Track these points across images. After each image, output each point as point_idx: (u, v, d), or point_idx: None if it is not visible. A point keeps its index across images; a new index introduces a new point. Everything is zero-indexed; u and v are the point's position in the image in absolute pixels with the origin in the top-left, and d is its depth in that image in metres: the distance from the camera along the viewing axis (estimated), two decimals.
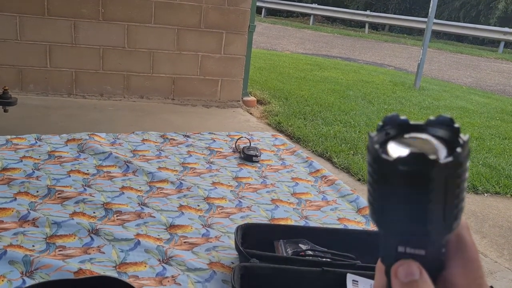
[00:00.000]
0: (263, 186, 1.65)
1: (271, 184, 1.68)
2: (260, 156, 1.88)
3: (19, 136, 1.84)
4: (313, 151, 4.20)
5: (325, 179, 1.76)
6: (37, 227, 1.24)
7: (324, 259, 1.15)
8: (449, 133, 0.36)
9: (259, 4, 15.29)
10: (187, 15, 4.84)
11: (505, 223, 3.30)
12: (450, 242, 0.37)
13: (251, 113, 5.12)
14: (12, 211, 1.29)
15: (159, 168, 1.70)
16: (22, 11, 4.39)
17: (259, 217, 1.43)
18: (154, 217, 1.35)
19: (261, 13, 17.89)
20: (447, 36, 17.22)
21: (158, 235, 1.27)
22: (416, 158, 0.33)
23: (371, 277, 1.07)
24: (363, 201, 1.59)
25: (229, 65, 5.11)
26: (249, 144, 1.96)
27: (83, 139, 1.86)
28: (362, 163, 3.93)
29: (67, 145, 1.82)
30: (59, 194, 1.42)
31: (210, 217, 1.40)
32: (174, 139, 2.00)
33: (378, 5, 19.49)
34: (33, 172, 1.55)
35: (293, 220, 1.44)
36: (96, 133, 1.95)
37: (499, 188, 3.88)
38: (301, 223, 1.43)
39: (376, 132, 0.37)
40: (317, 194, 1.64)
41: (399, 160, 0.33)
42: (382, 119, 0.38)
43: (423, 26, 10.62)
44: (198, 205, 1.46)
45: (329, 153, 4.14)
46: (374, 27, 17.98)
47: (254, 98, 5.55)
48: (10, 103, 2.98)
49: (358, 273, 1.08)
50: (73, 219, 1.29)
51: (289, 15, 19.13)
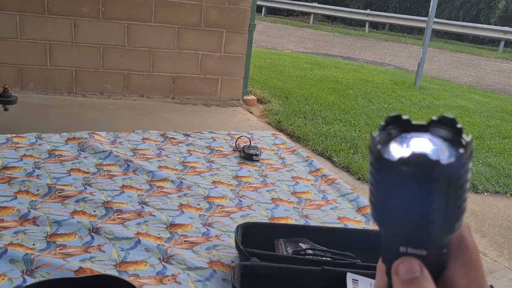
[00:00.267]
0: (263, 185, 1.65)
1: (271, 183, 1.68)
2: (260, 155, 1.88)
3: (19, 135, 1.84)
4: (313, 150, 4.20)
5: (325, 178, 1.77)
6: (38, 225, 1.24)
7: (324, 258, 1.15)
8: (452, 133, 0.35)
9: (259, 3, 15.28)
10: (187, 13, 4.84)
11: (505, 222, 3.31)
12: (451, 243, 0.37)
13: (251, 112, 5.12)
14: (13, 209, 1.29)
15: (159, 167, 1.70)
16: (22, 9, 4.39)
17: (259, 216, 1.43)
18: (155, 216, 1.35)
19: (261, 12, 17.89)
20: (447, 35, 17.21)
21: (159, 234, 1.27)
22: (418, 159, 0.33)
23: (371, 276, 1.07)
24: (363, 200, 1.59)
25: (229, 64, 5.11)
26: (249, 143, 1.96)
27: (83, 138, 1.86)
28: (362, 162, 3.93)
29: (67, 144, 1.82)
30: (59, 192, 1.42)
31: (210, 216, 1.40)
32: (174, 138, 2.00)
33: (379, 4, 19.49)
34: (34, 170, 1.55)
35: (293, 219, 1.44)
36: (96, 132, 1.95)
37: (499, 187, 3.88)
38: (301, 222, 1.43)
39: (378, 132, 0.37)
40: (317, 193, 1.64)
41: (401, 160, 0.33)
42: (384, 119, 0.37)
43: (423, 25, 10.62)
44: (199, 204, 1.46)
45: (329, 152, 4.14)
46: (375, 26, 17.98)
47: (254, 97, 5.55)
48: (10, 102, 2.98)
49: (358, 272, 1.08)
50: (73, 218, 1.29)
51: (289, 14, 19.13)
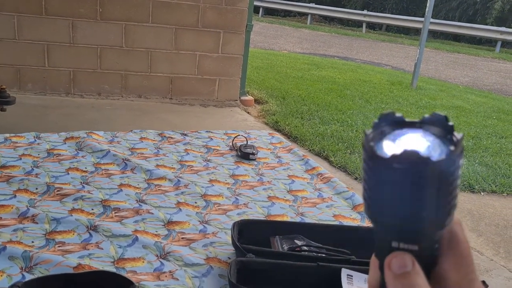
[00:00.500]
0: (260, 184, 1.67)
1: (268, 181, 1.69)
2: (256, 154, 1.89)
3: (18, 134, 1.85)
4: (310, 150, 4.22)
5: (321, 176, 1.78)
6: (37, 223, 1.26)
7: (319, 255, 1.16)
8: (444, 131, 0.36)
9: (256, 3, 15.27)
10: (184, 14, 4.86)
11: (501, 221, 3.33)
12: (442, 238, 0.38)
13: (248, 113, 5.13)
14: (12, 208, 1.31)
15: (157, 165, 1.72)
16: (20, 10, 4.40)
17: (256, 214, 1.45)
18: (152, 213, 1.37)
19: (258, 13, 17.91)
20: (444, 35, 17.26)
21: (156, 231, 1.29)
22: (409, 156, 0.34)
23: (365, 271, 1.08)
24: (359, 198, 1.61)
25: (227, 64, 5.13)
26: (246, 142, 1.98)
27: (81, 137, 1.87)
28: (359, 162, 3.95)
29: (65, 143, 1.83)
30: (58, 191, 1.44)
31: (207, 213, 1.42)
32: (171, 137, 2.02)
33: (376, 4, 19.53)
34: (32, 169, 1.57)
35: (289, 217, 1.45)
36: (94, 131, 1.96)
37: (495, 187, 3.90)
38: (297, 219, 1.44)
39: (371, 129, 0.38)
40: (313, 191, 1.65)
41: (393, 157, 0.34)
42: (378, 116, 0.38)
43: (420, 25, 10.65)
44: (196, 202, 1.48)
45: (326, 152, 4.16)
46: (372, 26, 18.01)
47: (252, 97, 5.57)
48: (8, 102, 2.99)
49: (353, 268, 1.10)
50: (72, 215, 1.30)
51: (286, 14, 19.16)
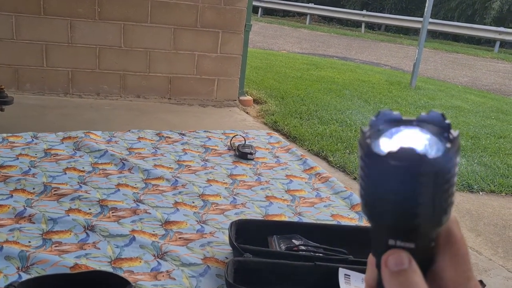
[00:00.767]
0: (258, 183, 1.66)
1: (266, 181, 1.69)
2: (255, 154, 1.89)
3: (15, 134, 1.85)
4: (309, 150, 4.22)
5: (319, 176, 1.78)
6: (33, 223, 1.25)
7: (317, 254, 1.16)
8: (440, 128, 0.36)
9: (255, 3, 15.30)
10: (183, 14, 4.85)
11: (499, 221, 3.33)
12: (439, 236, 0.38)
13: (247, 113, 5.13)
14: (8, 207, 1.31)
15: (154, 165, 1.71)
16: (18, 10, 4.39)
17: (254, 213, 1.45)
18: (150, 213, 1.37)
19: (257, 13, 17.91)
20: (443, 35, 17.27)
21: (153, 231, 1.28)
22: (406, 153, 0.34)
23: (363, 271, 1.08)
24: (357, 198, 1.60)
25: (226, 64, 5.13)
26: (244, 142, 1.98)
27: (79, 137, 1.87)
28: (358, 162, 3.94)
29: (63, 143, 1.83)
30: (55, 191, 1.43)
31: (204, 213, 1.41)
32: (169, 137, 2.02)
33: (374, 4, 19.55)
34: (29, 169, 1.57)
35: (287, 217, 1.45)
36: (92, 131, 1.96)
37: (494, 186, 3.90)
38: (295, 219, 1.44)
39: (368, 127, 0.38)
40: (311, 191, 1.65)
41: (390, 154, 0.34)
42: (375, 114, 0.38)
43: (419, 25, 10.66)
44: (193, 202, 1.47)
45: (325, 152, 4.16)
46: (371, 26, 18.02)
47: (251, 97, 5.56)
48: (6, 102, 2.98)
49: (350, 267, 1.09)
50: (69, 215, 1.30)
51: (285, 14, 19.15)
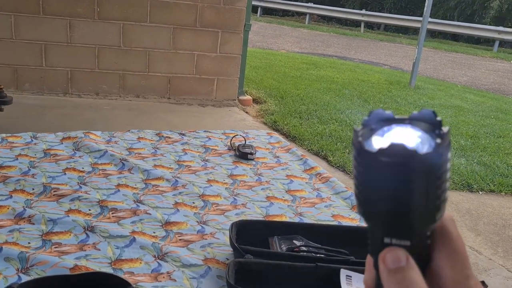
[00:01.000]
0: (258, 184, 1.66)
1: (266, 181, 1.68)
2: (255, 154, 1.89)
3: (14, 135, 1.84)
4: (309, 149, 4.22)
5: (319, 176, 1.77)
6: (33, 224, 1.24)
7: (318, 255, 1.16)
8: (432, 126, 0.36)
9: (254, 3, 15.29)
10: (182, 14, 4.85)
11: (499, 220, 3.32)
12: (435, 234, 0.38)
13: (247, 112, 5.12)
14: (8, 208, 1.30)
15: (154, 165, 1.71)
16: (18, 10, 4.38)
17: (254, 214, 1.44)
18: (150, 214, 1.36)
19: (256, 12, 17.91)
20: (442, 35, 17.28)
21: (154, 232, 1.28)
22: (396, 149, 0.34)
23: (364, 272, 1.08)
24: None
25: (225, 64, 5.12)
26: (244, 142, 1.97)
27: (78, 137, 1.86)
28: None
29: (62, 143, 1.82)
30: (54, 191, 1.43)
31: (205, 214, 1.41)
32: (169, 137, 2.01)
33: (374, 4, 19.54)
34: (29, 170, 1.56)
35: (288, 217, 1.44)
36: (91, 131, 1.95)
37: (493, 186, 3.90)
38: (296, 220, 1.43)
39: (361, 126, 0.38)
40: (311, 191, 1.65)
41: (380, 151, 0.34)
42: (367, 113, 0.39)
43: (418, 25, 10.65)
44: (193, 202, 1.47)
45: (324, 151, 4.15)
46: (370, 26, 18.02)
47: (250, 97, 5.56)
48: (6, 102, 2.97)
49: (352, 268, 1.09)
50: (68, 216, 1.29)
51: (285, 14, 19.15)
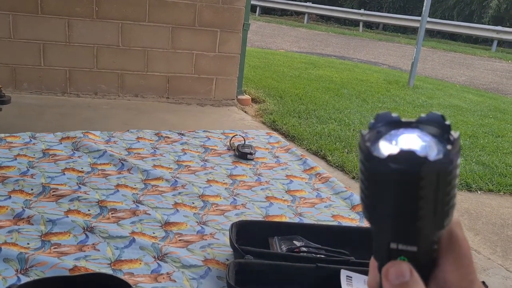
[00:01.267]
0: (258, 184, 1.66)
1: (266, 181, 1.68)
2: (254, 154, 1.88)
3: (13, 134, 1.83)
4: (308, 149, 4.21)
5: (319, 176, 1.77)
6: (32, 224, 1.24)
7: (318, 256, 1.15)
8: (440, 130, 0.36)
9: (253, 2, 15.27)
10: (181, 13, 4.84)
11: (498, 220, 3.33)
12: (442, 239, 0.37)
13: (245, 112, 5.12)
14: (7, 209, 1.29)
15: (154, 166, 1.70)
16: (16, 9, 4.37)
17: (254, 214, 1.44)
18: (149, 214, 1.36)
19: (255, 12, 17.89)
20: (441, 34, 17.28)
21: (153, 233, 1.27)
22: (406, 156, 0.33)
23: (365, 273, 1.07)
24: (357, 198, 1.60)
25: (224, 63, 5.11)
26: (243, 142, 1.97)
27: (77, 137, 1.86)
28: (356, 161, 3.94)
29: (61, 143, 1.81)
30: (53, 192, 1.42)
31: (205, 214, 1.41)
32: (168, 137, 2.01)
33: (373, 3, 19.53)
34: (28, 170, 1.55)
35: (288, 217, 1.44)
36: (90, 131, 1.95)
37: (492, 185, 3.90)
38: (296, 220, 1.43)
39: (368, 129, 0.37)
40: (311, 191, 1.65)
41: (390, 157, 0.33)
42: (374, 116, 0.38)
43: (417, 24, 10.65)
44: (193, 203, 1.46)
45: (323, 151, 4.15)
46: (369, 25, 18.02)
47: (249, 96, 5.55)
48: (4, 102, 2.96)
49: (352, 269, 1.09)
50: (68, 217, 1.29)
51: (283, 13, 19.14)
